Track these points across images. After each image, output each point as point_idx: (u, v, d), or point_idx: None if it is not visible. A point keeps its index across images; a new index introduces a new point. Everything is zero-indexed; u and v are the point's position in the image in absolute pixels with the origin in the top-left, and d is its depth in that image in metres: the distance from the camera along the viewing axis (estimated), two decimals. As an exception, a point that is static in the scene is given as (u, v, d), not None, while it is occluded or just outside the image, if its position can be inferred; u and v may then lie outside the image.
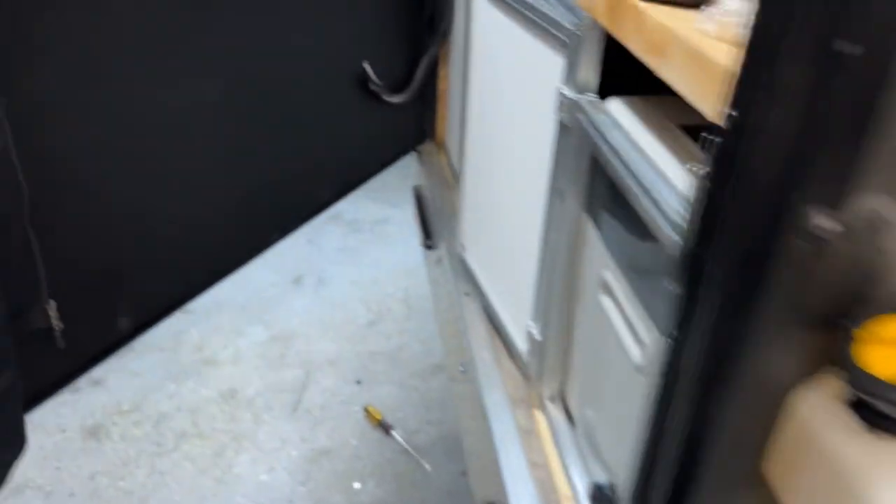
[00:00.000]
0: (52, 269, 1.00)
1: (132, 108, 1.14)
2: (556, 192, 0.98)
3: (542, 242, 1.04)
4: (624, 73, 0.87)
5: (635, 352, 0.78)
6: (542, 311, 1.08)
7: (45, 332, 0.99)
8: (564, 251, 0.97)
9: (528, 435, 1.14)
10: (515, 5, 1.02)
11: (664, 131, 0.77)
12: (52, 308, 0.99)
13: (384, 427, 2.27)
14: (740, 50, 0.42)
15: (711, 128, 0.46)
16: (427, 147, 2.01)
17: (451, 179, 1.86)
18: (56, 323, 0.99)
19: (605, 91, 0.88)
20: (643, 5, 0.68)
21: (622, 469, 0.85)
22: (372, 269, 3.02)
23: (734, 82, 0.42)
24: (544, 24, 0.94)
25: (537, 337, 1.11)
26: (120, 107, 1.13)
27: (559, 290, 1.01)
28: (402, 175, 2.28)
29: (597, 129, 0.82)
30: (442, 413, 2.35)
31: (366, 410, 2.32)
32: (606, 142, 0.80)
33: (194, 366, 2.54)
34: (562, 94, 0.91)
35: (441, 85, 1.94)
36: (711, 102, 0.54)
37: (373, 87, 1.70)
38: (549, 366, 1.09)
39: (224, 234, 1.43)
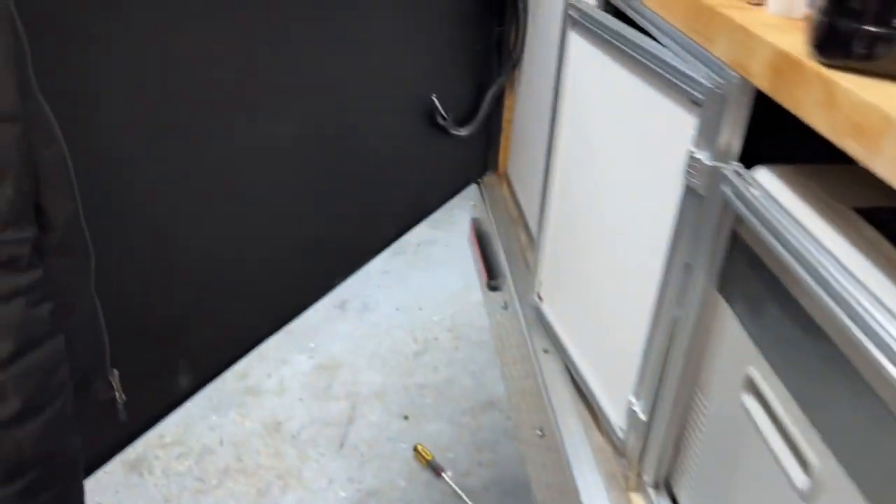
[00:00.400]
0: (113, 334, 0.91)
1: (203, 154, 1.06)
2: (676, 262, 0.87)
3: (654, 315, 0.93)
4: (767, 135, 0.76)
5: (796, 473, 0.67)
6: (649, 389, 0.97)
7: (108, 404, 0.90)
8: (687, 332, 0.86)
9: (625, 522, 1.03)
10: (633, 53, 0.92)
11: (834, 213, 0.66)
12: (115, 378, 0.90)
13: (434, 468, 2.17)
14: None
15: None
16: (488, 178, 1.91)
17: (515, 214, 1.76)
18: (119, 395, 0.91)
19: (746, 154, 0.77)
20: (832, 74, 0.57)
21: None
22: (416, 294, 2.92)
23: None
24: (673, 79, 0.83)
25: (641, 416, 1.00)
26: (190, 156, 1.04)
27: (677, 373, 0.89)
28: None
29: (745, 202, 0.71)
30: (494, 454, 2.24)
31: (415, 449, 2.22)
32: (759, 218, 0.69)
33: (237, 395, 2.46)
34: (694, 159, 0.80)
35: (506, 115, 1.84)
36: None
37: (441, 122, 1.60)
38: (653, 449, 0.98)
39: (290, 278, 1.34)
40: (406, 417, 2.36)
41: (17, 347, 0.68)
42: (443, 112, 1.59)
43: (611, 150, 1.03)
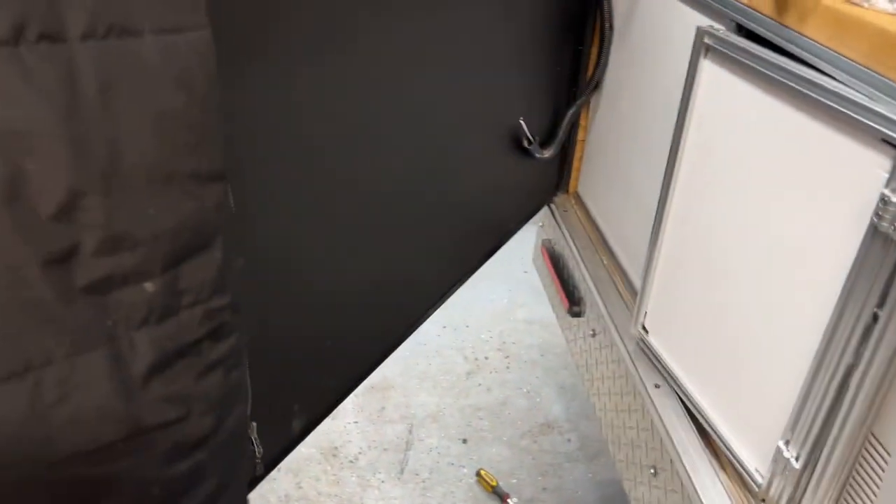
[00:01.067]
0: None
1: (327, 195, 1.02)
2: (853, 309, 0.83)
3: (818, 362, 0.89)
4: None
5: None
6: (806, 436, 0.92)
7: (249, 459, 0.85)
8: (871, 382, 0.81)
9: (775, 574, 0.99)
10: (799, 87, 0.87)
11: None
12: (253, 431, 0.86)
13: (499, 495, 2.12)
14: None
15: None
16: (560, 199, 1.86)
17: (594, 236, 1.71)
18: (258, 449, 0.86)
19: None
20: None
21: None
22: (463, 311, 2.88)
23: None
24: (859, 118, 0.79)
25: (794, 463, 0.95)
26: (320, 197, 1.00)
27: (853, 424, 0.85)
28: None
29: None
30: (558, 479, 2.20)
31: (478, 475, 2.17)
32: None
33: (290, 419, 2.42)
34: (888, 202, 0.75)
35: (580, 135, 1.80)
36: None
37: (527, 145, 1.56)
38: (811, 498, 0.94)
39: (387, 313, 1.30)
40: (465, 441, 2.31)
41: (217, 421, 0.63)
42: (530, 135, 1.55)
43: (756, 186, 0.99)
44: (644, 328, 1.33)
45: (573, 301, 1.67)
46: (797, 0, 0.89)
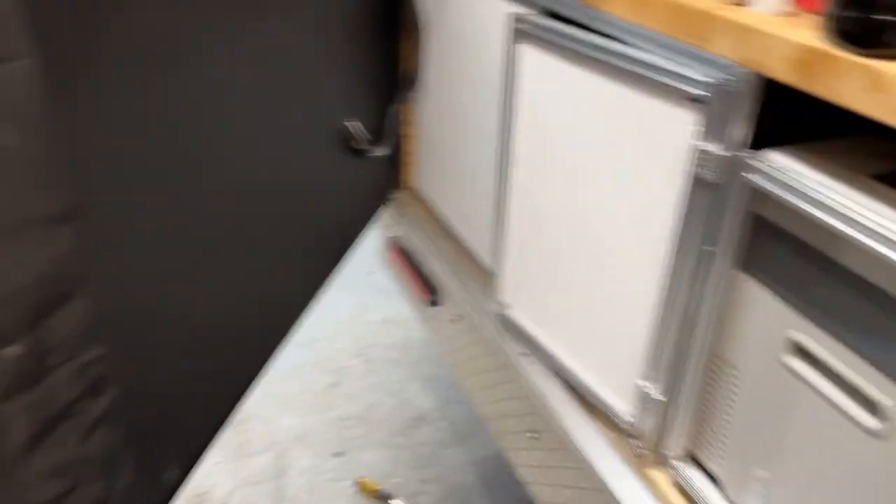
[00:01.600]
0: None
1: (163, 226, 0.95)
2: (688, 251, 0.93)
3: (665, 302, 0.99)
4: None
5: (864, 417, 0.75)
6: (664, 371, 1.03)
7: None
8: (710, 313, 0.93)
9: (657, 498, 1.09)
10: (609, 59, 0.96)
11: (854, 180, 0.75)
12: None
13: (384, 498, 2.11)
14: None
15: None
16: (399, 196, 1.89)
17: (438, 227, 1.76)
18: None
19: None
20: (873, 63, 0.65)
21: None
22: (312, 325, 2.80)
23: None
24: (665, 80, 0.89)
25: (658, 397, 1.05)
26: (155, 231, 0.93)
27: (701, 352, 0.96)
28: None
29: (774, 182, 0.78)
30: (438, 467, 2.23)
31: (359, 483, 2.15)
32: (794, 194, 0.76)
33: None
34: (704, 152, 0.86)
35: (409, 130, 1.84)
36: None
37: (359, 145, 1.56)
38: (677, 425, 1.04)
39: (240, 345, 1.24)
40: (339, 454, 2.27)
41: (106, 490, 0.56)
42: (359, 136, 1.56)
43: (588, 154, 1.08)
44: (503, 303, 1.40)
45: (431, 291, 1.71)
46: (597, -19, 0.98)
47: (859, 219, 0.70)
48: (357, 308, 2.93)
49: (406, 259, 1.83)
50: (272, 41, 1.32)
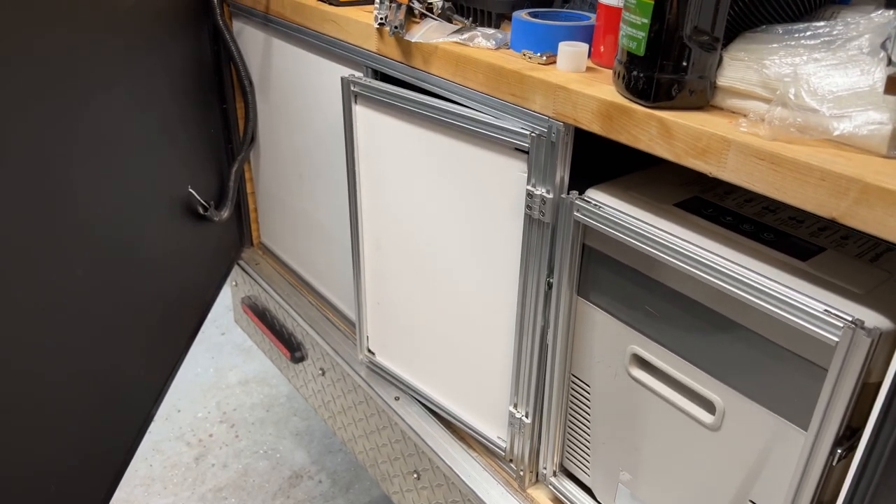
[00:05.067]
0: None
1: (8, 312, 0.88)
2: (531, 284, 1.02)
3: (519, 332, 1.07)
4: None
5: (702, 414, 0.86)
6: (527, 395, 1.11)
7: None
8: (561, 337, 1.01)
9: (539, 515, 1.16)
10: (437, 116, 1.03)
11: (662, 209, 0.87)
12: None
13: (271, 565, 2.04)
14: None
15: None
16: (247, 254, 1.86)
17: (292, 280, 1.75)
18: None
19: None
20: (660, 114, 0.76)
21: (694, 515, 0.93)
22: (168, 398, 2.66)
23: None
24: (491, 134, 0.97)
25: (525, 420, 1.13)
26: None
27: (558, 371, 1.05)
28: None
29: (597, 218, 0.88)
30: (324, 522, 2.19)
31: (243, 556, 2.06)
32: (615, 227, 0.86)
33: None
34: (533, 196, 0.95)
35: (249, 188, 1.82)
36: (816, 201, 0.64)
37: (202, 212, 1.53)
38: (546, 443, 1.13)
39: (111, 421, 1.17)
40: (217, 528, 2.16)
41: None
42: (203, 202, 1.52)
43: (432, 203, 1.14)
44: (370, 351, 1.43)
45: (293, 348, 1.69)
46: (419, 46, 1.05)
47: (667, 243, 0.81)
48: (216, 372, 2.81)
49: (262, 318, 1.80)
50: (103, 118, 1.27)
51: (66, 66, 1.15)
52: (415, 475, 1.37)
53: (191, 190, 1.49)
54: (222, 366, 2.84)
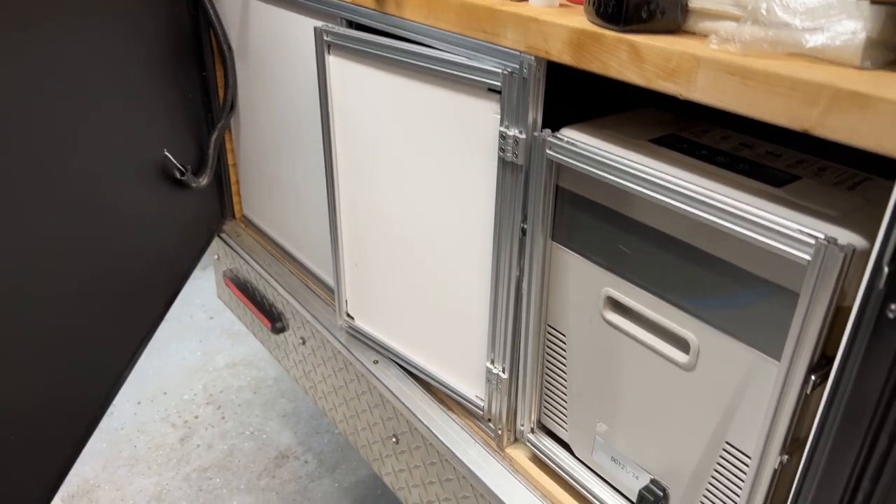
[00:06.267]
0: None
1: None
2: (506, 231, 0.99)
3: (494, 284, 1.05)
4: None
5: (676, 354, 0.84)
6: (504, 349, 1.08)
7: None
8: (536, 285, 0.99)
9: (517, 473, 1.14)
10: (412, 61, 1.01)
11: (638, 144, 0.85)
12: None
13: (255, 543, 2.01)
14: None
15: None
16: (229, 226, 1.84)
17: (273, 251, 1.73)
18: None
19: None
20: (631, 38, 0.74)
21: (669, 463, 0.90)
22: (156, 379, 2.64)
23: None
24: (463, 74, 0.95)
25: (503, 375, 1.11)
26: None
27: (533, 322, 1.02)
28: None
29: (573, 156, 0.86)
30: (309, 503, 2.17)
31: (226, 534, 2.03)
32: (590, 164, 0.84)
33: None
34: (506, 137, 0.93)
35: (230, 159, 1.80)
36: (783, 112, 0.62)
37: (179, 176, 1.51)
38: (524, 398, 1.10)
39: (79, 383, 1.14)
40: (200, 507, 2.14)
41: None
42: (180, 166, 1.50)
43: (407, 152, 1.12)
44: (349, 315, 1.40)
45: (273, 318, 1.67)
46: (391, -10, 1.03)
47: (641, 174, 0.79)
48: (203, 355, 2.79)
49: (244, 291, 1.77)
50: (77, 78, 1.25)
51: (34, 21, 1.13)
52: (394, 439, 1.34)
53: (167, 153, 1.47)
54: (210, 349, 2.82)
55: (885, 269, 0.53)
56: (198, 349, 2.82)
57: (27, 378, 1.09)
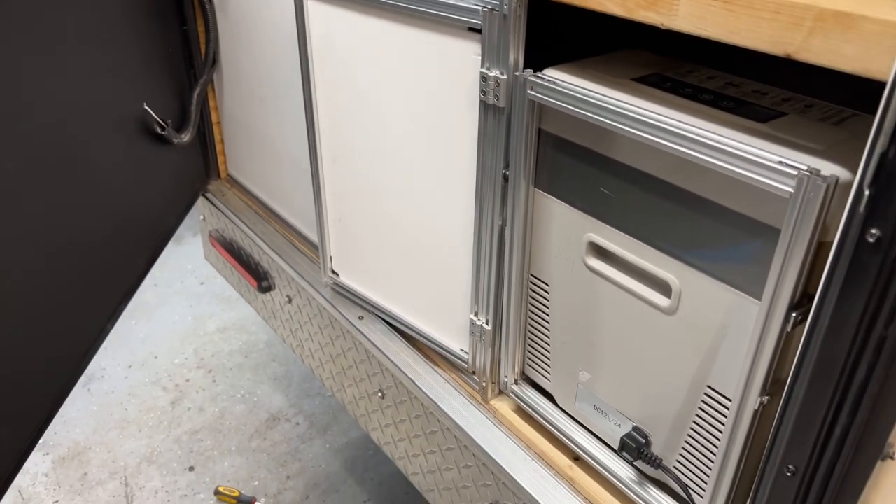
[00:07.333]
0: None
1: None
2: (488, 177, 0.97)
3: (477, 233, 1.03)
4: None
5: (658, 298, 0.83)
6: (488, 300, 1.07)
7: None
8: (518, 233, 0.97)
9: (501, 424, 1.13)
10: (397, 3, 0.98)
11: (621, 84, 0.83)
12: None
13: (244, 503, 2.03)
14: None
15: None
16: (214, 186, 1.81)
17: (258, 210, 1.71)
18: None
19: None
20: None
21: (650, 409, 0.89)
22: (147, 343, 2.64)
23: None
24: (442, 13, 0.92)
25: (486, 327, 1.10)
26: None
27: (515, 273, 1.01)
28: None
29: (556, 95, 0.84)
30: (298, 462, 2.18)
31: (217, 493, 2.05)
32: (573, 103, 0.82)
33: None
34: (487, 78, 0.90)
35: (214, 118, 1.77)
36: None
37: (160, 131, 1.48)
38: (508, 349, 1.09)
39: (59, 335, 1.13)
40: (191, 468, 2.15)
41: None
42: (160, 121, 1.47)
43: (387, 100, 1.09)
44: (334, 272, 1.39)
45: (260, 277, 1.65)
46: (369, -72, 1.00)
47: (623, 111, 0.77)
48: (194, 320, 2.78)
49: (229, 251, 1.76)
50: (55, 30, 1.21)
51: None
52: (379, 394, 1.34)
53: (146, 107, 1.44)
54: (201, 314, 2.81)
55: (867, 192, 0.51)
56: (188, 314, 2.81)
57: (17, 314, 1.07)
